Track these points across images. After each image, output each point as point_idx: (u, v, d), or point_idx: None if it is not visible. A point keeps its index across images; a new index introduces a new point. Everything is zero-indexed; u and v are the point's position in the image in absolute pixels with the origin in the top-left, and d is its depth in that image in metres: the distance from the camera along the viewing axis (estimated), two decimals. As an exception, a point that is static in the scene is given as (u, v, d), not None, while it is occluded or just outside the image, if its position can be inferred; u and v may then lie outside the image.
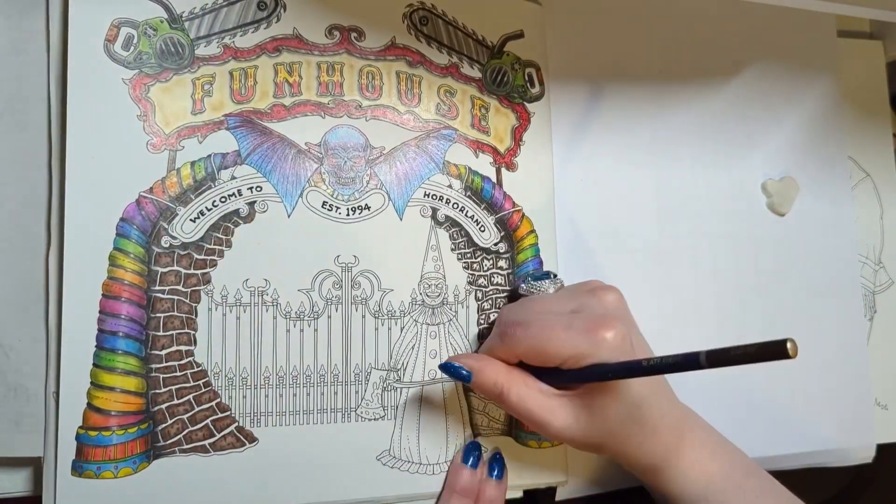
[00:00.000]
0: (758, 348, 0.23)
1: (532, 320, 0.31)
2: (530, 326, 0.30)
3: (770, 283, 0.42)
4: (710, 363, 0.24)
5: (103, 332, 0.30)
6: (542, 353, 0.30)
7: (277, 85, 0.33)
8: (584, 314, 0.30)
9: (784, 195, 0.43)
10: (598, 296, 0.31)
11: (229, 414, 0.31)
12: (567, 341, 0.29)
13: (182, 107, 0.32)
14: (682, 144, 0.42)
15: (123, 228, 0.30)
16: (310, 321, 0.33)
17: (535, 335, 0.30)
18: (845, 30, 0.47)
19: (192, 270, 0.31)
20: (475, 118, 0.36)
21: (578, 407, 0.30)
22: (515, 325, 0.31)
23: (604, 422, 0.30)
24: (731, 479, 0.32)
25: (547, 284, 0.34)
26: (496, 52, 0.37)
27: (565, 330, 0.29)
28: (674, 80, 0.42)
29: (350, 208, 0.34)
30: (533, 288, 0.34)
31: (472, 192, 0.36)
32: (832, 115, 0.45)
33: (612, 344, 0.29)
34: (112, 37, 0.31)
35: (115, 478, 0.29)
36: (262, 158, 0.33)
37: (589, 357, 0.29)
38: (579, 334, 0.29)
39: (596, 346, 0.29)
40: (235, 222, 0.32)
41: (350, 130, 0.34)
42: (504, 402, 0.31)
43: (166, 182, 0.31)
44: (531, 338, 0.30)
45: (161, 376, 0.31)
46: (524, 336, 0.30)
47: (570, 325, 0.29)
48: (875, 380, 0.44)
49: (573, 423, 0.30)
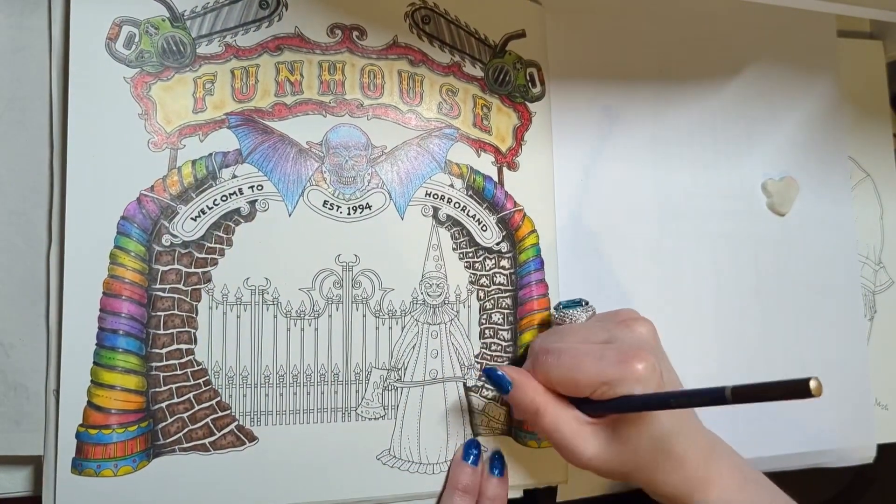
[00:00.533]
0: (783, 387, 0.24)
1: (564, 349, 0.31)
2: (562, 355, 0.31)
3: (770, 283, 0.42)
4: (736, 399, 0.25)
5: (104, 331, 0.30)
6: (574, 382, 0.30)
7: (279, 84, 0.33)
8: (616, 345, 0.31)
9: (784, 195, 0.43)
10: (630, 327, 0.32)
11: (229, 413, 0.31)
12: (598, 372, 0.29)
13: (183, 105, 0.32)
14: (682, 144, 0.42)
15: (124, 227, 0.30)
16: (310, 320, 0.33)
17: (566, 364, 0.30)
18: (845, 30, 0.47)
19: (192, 269, 0.31)
20: (477, 117, 0.36)
21: (608, 436, 0.31)
22: (547, 354, 0.31)
23: (632, 451, 0.30)
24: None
25: (579, 312, 0.34)
26: (498, 51, 0.37)
27: (597, 361, 0.30)
28: (674, 80, 0.42)
29: (351, 207, 0.34)
30: (565, 316, 0.34)
31: (474, 191, 0.36)
32: (832, 115, 0.45)
33: (643, 375, 0.29)
34: (114, 35, 0.31)
35: (115, 476, 0.29)
36: (264, 157, 0.33)
37: (619, 387, 0.29)
38: (610, 365, 0.29)
39: (626, 377, 0.29)
40: (236, 221, 0.32)
41: (351, 129, 0.34)
42: (539, 422, 0.31)
43: (167, 180, 0.31)
44: (563, 367, 0.31)
45: (161, 375, 0.30)
46: (556, 365, 0.31)
47: (601, 356, 0.30)
48: (875, 380, 0.44)
49: (603, 452, 0.31)
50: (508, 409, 0.36)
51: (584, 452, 0.31)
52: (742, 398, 0.25)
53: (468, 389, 0.35)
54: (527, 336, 0.36)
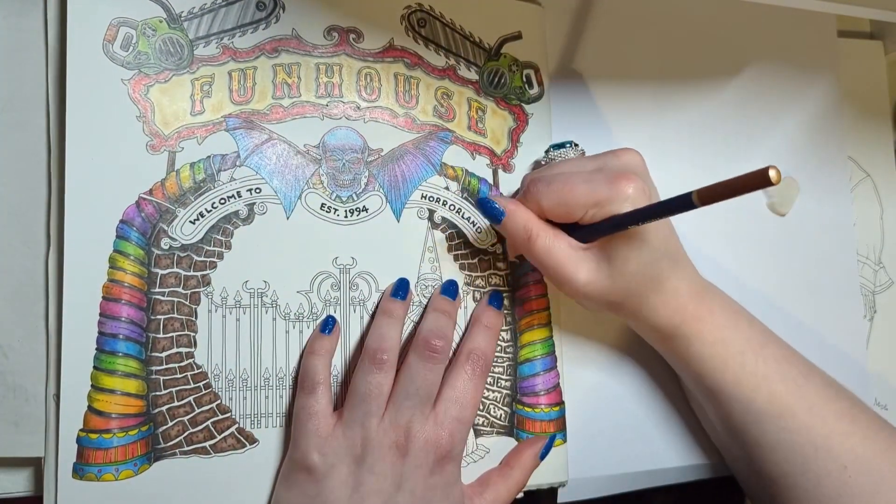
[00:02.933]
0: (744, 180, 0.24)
1: (554, 176, 0.32)
2: (553, 182, 0.31)
3: (770, 283, 0.42)
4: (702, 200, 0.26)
5: (103, 335, 0.30)
6: (565, 205, 0.31)
7: (276, 86, 0.33)
8: (605, 169, 0.31)
9: (784, 195, 0.43)
10: (618, 155, 0.32)
11: (230, 415, 0.31)
12: (588, 193, 0.30)
13: (181, 108, 0.32)
14: (681, 144, 0.41)
15: (123, 230, 0.30)
16: (309, 322, 0.33)
17: (557, 189, 0.31)
18: (845, 30, 0.47)
19: (191, 272, 0.31)
20: (472, 120, 0.36)
21: (601, 260, 0.31)
22: (538, 182, 0.32)
23: (624, 275, 0.31)
24: (749, 345, 0.33)
25: (568, 151, 0.35)
26: (493, 53, 0.37)
27: (586, 183, 0.30)
28: (674, 80, 0.42)
29: (348, 210, 0.34)
30: (556, 156, 0.35)
31: (469, 193, 0.36)
32: (832, 115, 0.45)
33: (632, 195, 0.30)
34: (111, 37, 0.31)
35: (115, 480, 0.29)
36: (262, 160, 0.33)
37: (610, 207, 0.30)
38: (600, 186, 0.30)
39: (616, 197, 0.30)
40: (235, 224, 0.32)
41: (348, 132, 0.34)
42: (531, 249, 0.32)
43: (166, 183, 0.31)
44: (554, 192, 0.31)
45: (161, 378, 0.31)
46: (547, 190, 0.31)
47: (591, 179, 0.31)
48: (875, 380, 0.44)
49: (596, 277, 0.31)
50: (509, 409, 0.36)
51: (576, 276, 0.31)
52: (708, 199, 0.25)
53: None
54: (527, 336, 0.36)
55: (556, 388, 0.36)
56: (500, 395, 0.35)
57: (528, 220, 0.32)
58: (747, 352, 0.32)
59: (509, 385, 0.36)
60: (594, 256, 0.31)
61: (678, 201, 0.27)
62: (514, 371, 0.36)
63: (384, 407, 0.30)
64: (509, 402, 0.36)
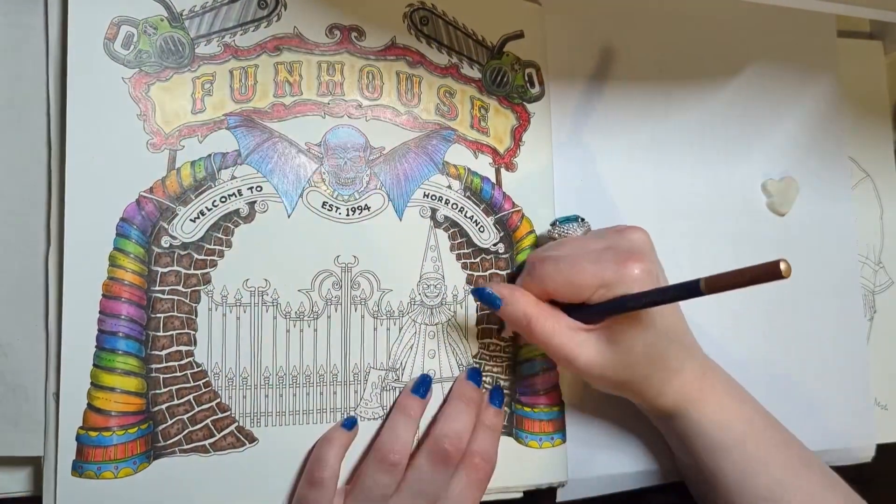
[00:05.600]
0: (754, 272, 0.24)
1: (561, 256, 0.32)
2: (560, 262, 0.31)
3: (770, 284, 0.42)
4: (710, 289, 0.26)
5: (103, 333, 0.30)
6: (571, 286, 0.31)
7: (278, 84, 0.33)
8: (613, 250, 0.31)
9: (784, 195, 0.43)
10: (624, 234, 0.32)
11: (229, 414, 0.31)
12: (596, 274, 0.30)
13: (182, 106, 0.32)
14: (682, 144, 0.42)
15: (123, 228, 0.30)
16: (309, 321, 0.33)
17: (564, 269, 0.31)
18: (845, 30, 0.47)
19: (192, 270, 0.31)
20: (475, 119, 0.36)
21: (604, 341, 0.31)
22: (545, 262, 0.32)
23: (628, 356, 0.30)
24: (752, 427, 0.33)
25: (575, 227, 0.34)
26: (496, 52, 0.37)
27: (594, 263, 0.30)
28: (674, 80, 0.42)
29: (350, 209, 0.34)
30: (562, 231, 0.35)
31: (472, 192, 0.36)
32: (832, 115, 0.45)
33: (640, 276, 0.30)
34: (112, 35, 0.31)
35: (115, 478, 0.29)
36: (263, 158, 0.33)
37: (617, 289, 0.30)
38: (608, 267, 0.30)
39: (624, 279, 0.29)
40: (235, 222, 0.32)
41: (350, 130, 0.34)
42: (532, 334, 0.32)
43: (166, 182, 0.31)
44: (560, 272, 0.31)
45: (161, 376, 0.31)
46: (554, 270, 0.31)
47: (598, 259, 0.30)
48: (875, 380, 0.44)
49: (599, 358, 0.31)
50: (509, 408, 0.36)
51: (578, 357, 0.31)
52: (716, 287, 0.25)
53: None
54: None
55: (556, 388, 0.36)
56: (500, 394, 0.35)
57: (526, 304, 0.32)
58: (748, 435, 0.32)
59: (509, 385, 0.36)
60: (597, 338, 0.31)
61: (685, 287, 0.27)
62: (513, 371, 0.36)
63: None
64: (508, 401, 0.36)
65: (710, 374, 0.33)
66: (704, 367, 0.33)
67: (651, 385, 0.31)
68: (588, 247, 0.32)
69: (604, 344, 0.31)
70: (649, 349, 0.30)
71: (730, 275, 0.25)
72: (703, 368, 0.33)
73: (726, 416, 0.32)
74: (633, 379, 0.31)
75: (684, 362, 0.32)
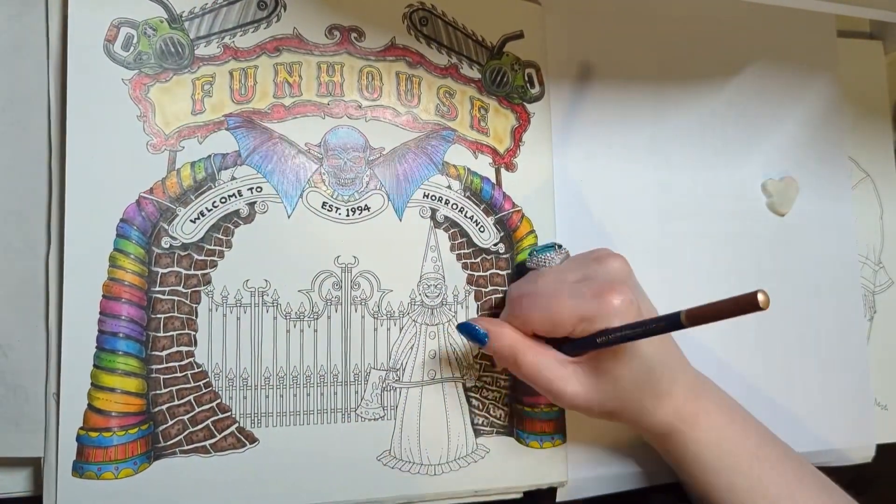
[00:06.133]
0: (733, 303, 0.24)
1: (539, 291, 0.31)
2: (538, 298, 0.31)
3: (770, 283, 0.42)
4: (690, 321, 0.26)
5: (104, 334, 0.30)
6: (551, 322, 0.30)
7: (277, 85, 0.33)
8: (591, 281, 0.31)
9: (784, 195, 0.43)
10: (603, 263, 0.32)
11: (230, 415, 0.31)
12: (575, 309, 0.29)
13: (182, 107, 0.32)
14: (682, 144, 0.42)
15: (123, 229, 0.30)
16: (310, 322, 0.33)
17: (543, 305, 0.30)
18: (845, 30, 0.47)
19: (192, 271, 0.31)
20: (474, 119, 0.36)
21: (591, 374, 0.30)
22: (523, 297, 0.31)
23: (616, 387, 0.30)
24: (745, 446, 0.32)
25: (553, 255, 0.34)
26: (496, 52, 0.37)
27: (573, 298, 0.30)
28: (674, 80, 0.42)
29: (350, 209, 0.34)
30: (540, 261, 0.34)
31: (472, 192, 0.36)
32: (832, 115, 0.45)
33: (620, 308, 0.29)
34: (112, 37, 0.31)
35: (115, 479, 0.29)
36: (263, 159, 0.33)
37: (598, 323, 0.29)
38: (587, 301, 0.29)
39: (603, 312, 0.29)
40: (236, 223, 0.32)
41: (350, 131, 0.34)
42: (519, 368, 0.31)
43: (166, 182, 0.31)
44: (540, 308, 0.30)
45: (161, 377, 0.31)
46: (533, 306, 0.31)
47: (577, 293, 0.30)
48: (875, 380, 0.44)
49: (586, 390, 0.31)
50: (509, 409, 0.36)
51: (566, 390, 0.31)
52: (696, 320, 0.25)
53: (467, 390, 0.35)
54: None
55: (557, 387, 0.36)
56: (499, 394, 0.35)
57: (512, 340, 0.31)
58: (742, 455, 0.32)
59: (509, 385, 0.36)
60: (584, 370, 0.31)
61: (666, 320, 0.27)
62: (514, 370, 0.36)
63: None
64: (509, 401, 0.36)
65: (702, 393, 0.33)
66: (695, 385, 0.33)
67: (642, 411, 0.31)
68: (566, 278, 0.31)
69: (591, 376, 0.30)
70: (636, 377, 0.30)
71: (710, 307, 0.25)
72: (693, 388, 0.32)
73: (719, 436, 0.32)
74: (623, 407, 0.31)
75: (673, 384, 0.31)
